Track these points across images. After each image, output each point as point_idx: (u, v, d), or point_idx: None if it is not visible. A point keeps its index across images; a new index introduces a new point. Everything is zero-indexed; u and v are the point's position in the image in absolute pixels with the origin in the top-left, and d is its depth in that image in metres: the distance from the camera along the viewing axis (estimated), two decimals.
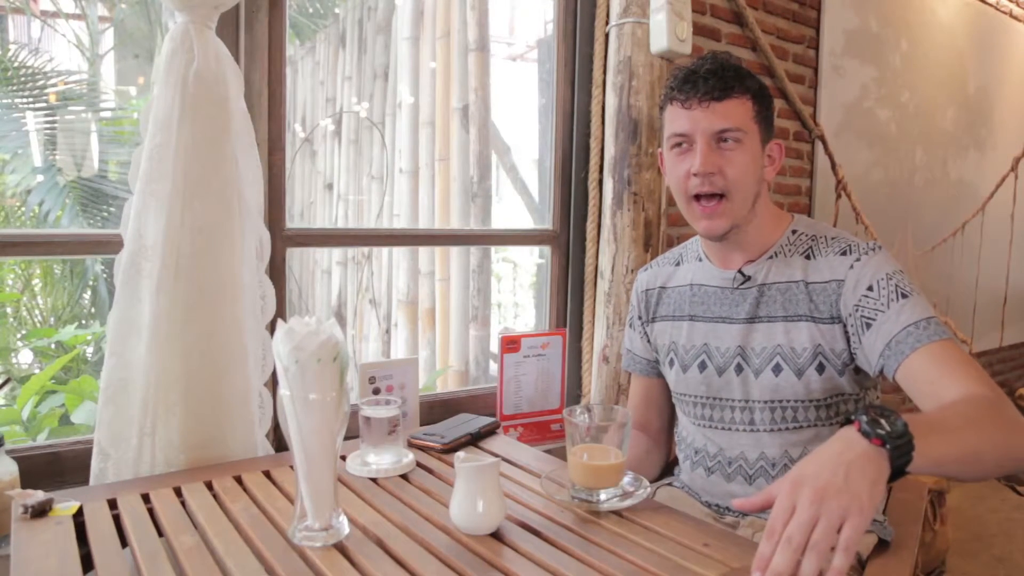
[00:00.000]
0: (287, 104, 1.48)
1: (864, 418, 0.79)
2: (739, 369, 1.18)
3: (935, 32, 2.98)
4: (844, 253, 1.12)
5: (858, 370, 1.12)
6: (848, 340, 1.10)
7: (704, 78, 1.11)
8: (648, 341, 1.34)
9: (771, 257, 1.18)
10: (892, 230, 2.86)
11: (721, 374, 1.20)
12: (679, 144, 1.15)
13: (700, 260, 1.26)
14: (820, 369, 1.12)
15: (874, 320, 1.06)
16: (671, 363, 1.28)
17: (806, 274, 1.14)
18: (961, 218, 3.27)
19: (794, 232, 1.19)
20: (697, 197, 1.13)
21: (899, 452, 0.77)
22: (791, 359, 1.13)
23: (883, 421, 0.78)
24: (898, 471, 0.77)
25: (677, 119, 1.14)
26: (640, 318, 1.35)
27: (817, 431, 1.14)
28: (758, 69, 2.23)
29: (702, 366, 1.22)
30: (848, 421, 0.81)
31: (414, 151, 2.94)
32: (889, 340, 1.04)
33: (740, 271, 1.19)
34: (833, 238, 1.16)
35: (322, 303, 3.87)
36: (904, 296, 1.06)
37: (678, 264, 1.31)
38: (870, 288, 1.07)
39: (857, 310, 1.08)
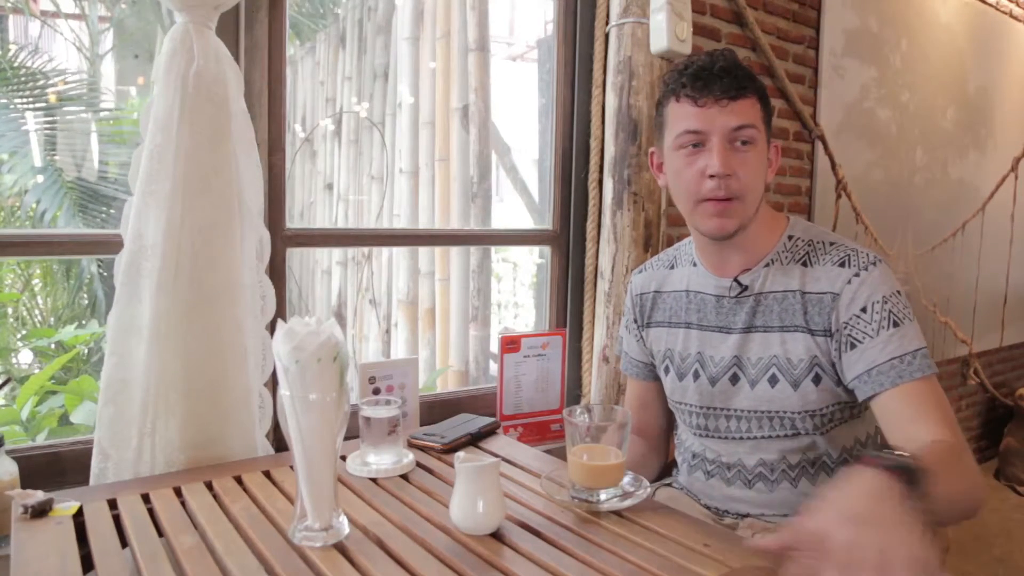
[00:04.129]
0: (287, 104, 1.48)
1: (887, 455, 0.75)
2: (734, 379, 1.16)
3: (935, 32, 2.98)
4: (843, 264, 1.09)
5: None
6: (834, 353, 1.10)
7: (719, 76, 1.06)
8: (644, 345, 1.32)
9: (767, 265, 1.14)
10: (892, 230, 2.86)
11: (714, 384, 1.18)
12: (691, 143, 1.09)
13: (694, 265, 1.23)
14: (816, 380, 1.10)
15: (860, 343, 1.05)
16: (667, 370, 1.26)
17: (803, 283, 1.11)
18: (961, 218, 3.27)
19: (790, 238, 1.15)
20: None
21: (913, 479, 0.73)
22: (787, 370, 1.12)
23: (895, 455, 0.76)
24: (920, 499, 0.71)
25: (688, 116, 1.08)
26: (636, 322, 1.33)
27: (814, 439, 1.14)
28: (758, 69, 2.23)
29: (695, 375, 1.20)
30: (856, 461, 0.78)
31: (414, 151, 2.94)
32: (870, 368, 1.04)
33: (737, 280, 1.16)
34: (832, 244, 1.13)
35: (322, 303, 3.87)
36: (896, 324, 1.04)
37: (672, 267, 1.28)
38: (863, 309, 1.06)
39: (846, 327, 1.07)
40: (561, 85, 1.90)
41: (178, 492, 1.07)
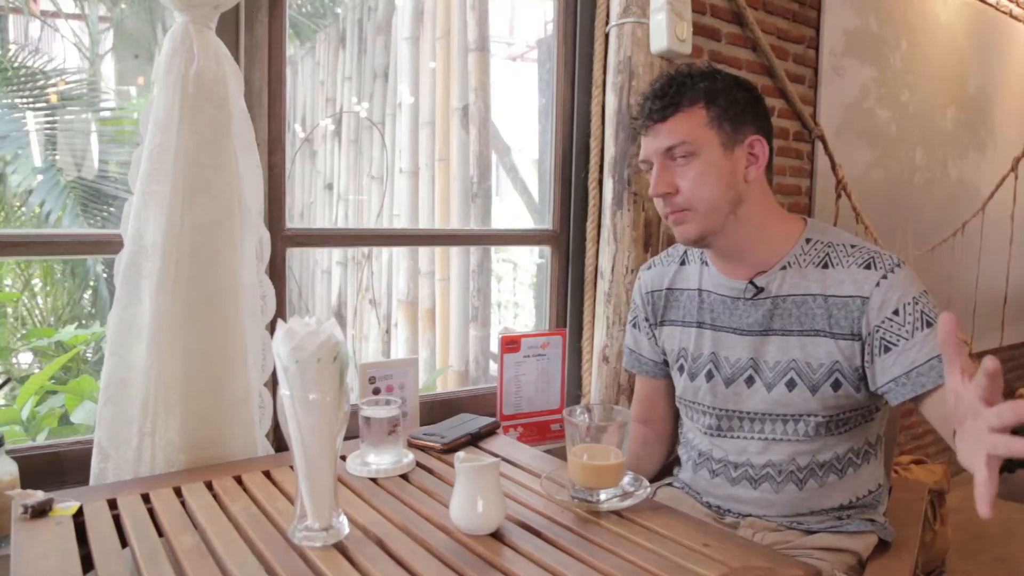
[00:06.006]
0: (287, 104, 1.48)
1: None
2: (750, 381, 1.16)
3: (935, 32, 2.98)
4: (868, 267, 1.09)
5: None
6: (863, 357, 1.09)
7: (651, 101, 1.13)
8: (656, 343, 1.32)
9: (784, 268, 1.14)
10: (892, 230, 2.86)
11: (729, 385, 1.18)
12: (647, 170, 1.17)
13: (706, 264, 1.24)
14: (836, 385, 1.10)
15: (895, 345, 1.05)
16: (680, 369, 1.26)
17: (824, 286, 1.11)
18: (961, 218, 3.27)
19: (808, 241, 1.15)
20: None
21: None
22: (806, 375, 1.11)
23: None
24: None
25: (642, 146, 1.17)
26: (647, 320, 1.32)
27: (825, 441, 1.14)
28: (758, 69, 2.23)
29: (709, 375, 1.20)
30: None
31: (414, 151, 2.94)
32: (909, 369, 1.04)
33: (752, 282, 1.16)
34: (853, 246, 1.12)
35: (322, 303, 3.87)
36: (929, 324, 1.04)
37: (683, 263, 1.29)
38: (896, 312, 1.05)
39: (878, 331, 1.06)
40: (561, 85, 1.90)
41: (178, 492, 1.07)
